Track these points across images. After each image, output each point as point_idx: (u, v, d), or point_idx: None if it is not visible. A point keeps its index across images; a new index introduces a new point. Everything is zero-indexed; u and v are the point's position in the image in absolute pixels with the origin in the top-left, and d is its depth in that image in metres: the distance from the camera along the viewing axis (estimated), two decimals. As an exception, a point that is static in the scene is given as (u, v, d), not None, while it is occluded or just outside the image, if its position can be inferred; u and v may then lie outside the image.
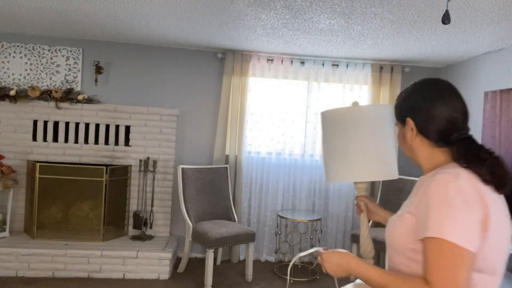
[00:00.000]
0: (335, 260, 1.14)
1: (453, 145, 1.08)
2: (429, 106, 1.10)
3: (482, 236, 0.93)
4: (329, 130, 1.71)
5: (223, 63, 4.14)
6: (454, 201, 0.94)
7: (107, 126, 3.97)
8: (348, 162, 1.61)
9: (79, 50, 4.03)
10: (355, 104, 1.68)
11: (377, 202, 3.77)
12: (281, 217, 3.83)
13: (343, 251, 1.14)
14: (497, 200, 1.00)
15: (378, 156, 1.55)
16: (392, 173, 1.59)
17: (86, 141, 3.94)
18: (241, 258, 4.20)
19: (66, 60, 4.02)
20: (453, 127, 1.08)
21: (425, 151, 1.13)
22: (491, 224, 0.94)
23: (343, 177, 1.66)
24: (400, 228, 1.06)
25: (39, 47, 3.98)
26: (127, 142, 4.00)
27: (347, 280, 3.81)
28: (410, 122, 1.14)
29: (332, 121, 1.69)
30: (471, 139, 1.07)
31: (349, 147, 1.62)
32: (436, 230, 0.93)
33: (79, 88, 4.03)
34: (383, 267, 2.78)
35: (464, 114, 1.10)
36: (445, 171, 1.02)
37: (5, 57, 3.94)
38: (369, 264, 1.07)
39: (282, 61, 4.14)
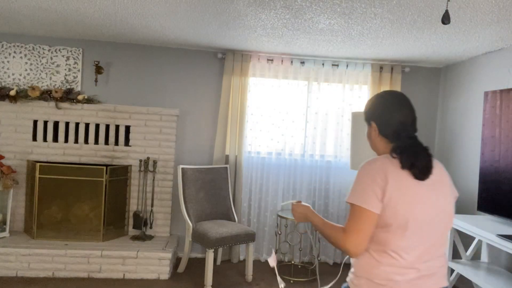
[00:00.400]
0: (299, 210, 1.62)
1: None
2: (387, 113, 1.45)
3: (382, 201, 1.31)
4: (357, 127, 2.15)
5: (223, 63, 4.14)
6: (363, 178, 1.36)
7: (107, 126, 3.97)
8: (370, 155, 2.09)
9: (79, 50, 4.04)
10: None
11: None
12: (281, 217, 3.83)
13: (306, 205, 1.62)
14: (408, 181, 1.34)
15: None
16: None
17: (86, 141, 3.94)
18: (241, 258, 4.20)
19: (66, 60, 4.02)
20: (403, 129, 1.43)
21: (383, 146, 1.48)
22: (389, 195, 1.31)
23: None
24: None
25: (39, 47, 3.98)
26: (127, 142, 4.00)
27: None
28: (373, 125, 1.49)
29: (360, 120, 2.04)
30: (414, 138, 1.42)
31: None
32: (350, 197, 1.37)
33: (79, 88, 4.03)
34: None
35: (413, 119, 1.45)
36: (372, 158, 1.40)
37: (5, 57, 3.94)
38: (321, 217, 1.52)
39: (282, 61, 4.14)
